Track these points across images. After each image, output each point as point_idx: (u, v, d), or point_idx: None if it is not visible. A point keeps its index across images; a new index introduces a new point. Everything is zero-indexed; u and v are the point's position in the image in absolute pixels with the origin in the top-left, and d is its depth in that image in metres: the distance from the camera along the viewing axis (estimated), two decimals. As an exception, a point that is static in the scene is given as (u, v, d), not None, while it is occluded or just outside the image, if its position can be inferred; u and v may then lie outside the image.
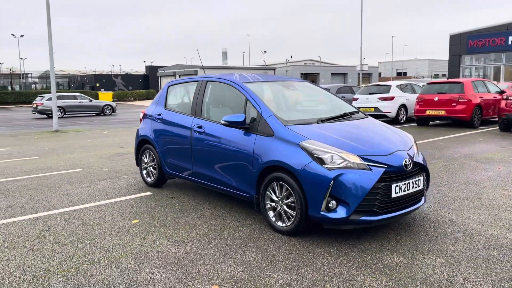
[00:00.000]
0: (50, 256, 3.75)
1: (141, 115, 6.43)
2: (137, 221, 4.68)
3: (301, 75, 58.11)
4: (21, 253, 3.85)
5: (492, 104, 13.56)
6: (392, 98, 14.89)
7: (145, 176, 6.27)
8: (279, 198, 4.18)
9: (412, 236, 4.07)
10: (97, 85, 58.51)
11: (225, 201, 5.36)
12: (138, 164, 6.43)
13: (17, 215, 4.99)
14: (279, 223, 4.20)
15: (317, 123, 4.49)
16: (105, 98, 39.47)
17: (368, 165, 3.85)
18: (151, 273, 3.40)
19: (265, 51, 78.86)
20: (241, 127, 4.53)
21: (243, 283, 3.20)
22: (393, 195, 3.87)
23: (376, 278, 3.24)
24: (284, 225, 4.15)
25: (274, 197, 4.22)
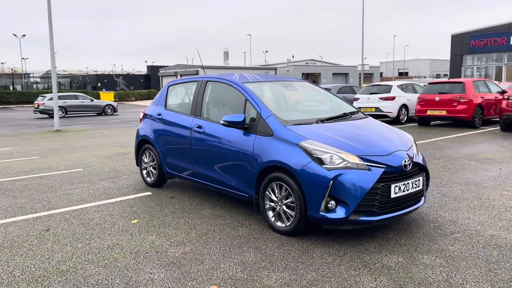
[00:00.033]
0: (49, 256, 3.76)
1: (141, 115, 6.44)
2: (136, 221, 4.68)
3: (302, 75, 58.10)
4: (20, 252, 3.85)
5: (494, 104, 13.53)
6: (393, 98, 14.88)
7: (145, 176, 6.28)
8: (278, 198, 4.18)
9: (411, 236, 4.06)
10: (99, 85, 58.57)
11: (224, 201, 5.36)
12: (138, 164, 6.44)
13: (17, 215, 5.00)
14: (279, 223, 4.20)
15: (316, 123, 4.49)
16: (106, 98, 39.47)
17: (367, 165, 3.85)
18: (150, 273, 3.40)
19: (266, 51, 79.01)
20: (240, 127, 4.53)
21: (242, 283, 3.20)
22: (393, 195, 3.87)
23: (375, 278, 3.24)
24: (284, 225, 4.15)
25: (274, 197, 4.22)
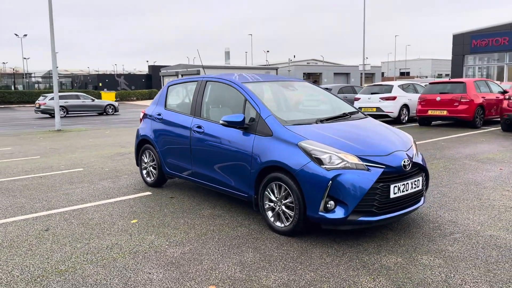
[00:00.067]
0: (48, 256, 3.76)
1: (141, 115, 6.44)
2: (136, 221, 4.69)
3: (303, 74, 58.08)
4: (19, 252, 3.86)
5: (495, 104, 13.50)
6: (394, 98, 14.86)
7: (145, 176, 6.28)
8: (277, 198, 4.18)
9: (410, 236, 4.06)
10: (100, 84, 58.64)
11: (224, 201, 5.36)
12: (138, 164, 6.44)
13: (16, 214, 5.00)
14: (278, 223, 4.20)
15: (316, 123, 4.48)
16: (107, 98, 39.48)
17: (366, 165, 3.84)
18: (149, 273, 3.40)
19: (267, 51, 78.99)
20: (240, 127, 4.52)
21: (240, 283, 3.20)
22: (392, 195, 3.86)
23: (373, 278, 3.23)
24: (283, 225, 4.14)
25: (273, 197, 4.22)
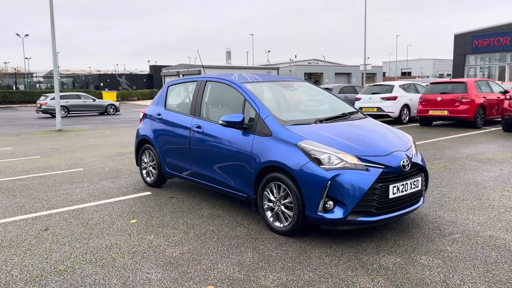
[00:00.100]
0: (47, 256, 3.77)
1: (141, 115, 6.45)
2: (135, 220, 4.69)
3: (305, 74, 58.05)
4: (19, 252, 3.86)
5: (496, 104, 13.48)
6: (395, 98, 14.85)
7: (145, 176, 6.28)
8: (276, 198, 4.18)
9: (410, 237, 4.05)
10: (101, 84, 58.70)
11: (224, 201, 5.36)
12: (138, 164, 6.45)
13: (16, 214, 5.01)
14: (277, 224, 4.20)
15: (315, 123, 4.48)
16: (109, 98, 39.54)
17: (365, 165, 3.84)
18: (147, 273, 3.40)
19: (268, 51, 78.84)
20: (239, 127, 4.52)
21: (239, 283, 3.20)
22: (391, 195, 3.86)
23: (372, 279, 3.23)
24: (282, 225, 4.14)
25: (272, 198, 4.22)
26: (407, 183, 3.99)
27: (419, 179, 4.17)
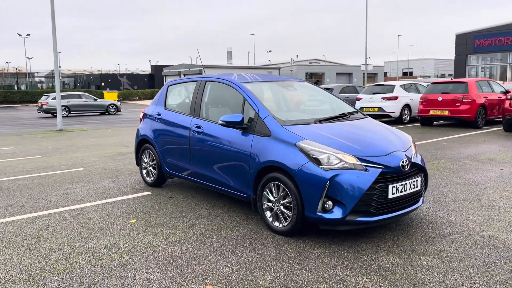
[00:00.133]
0: (47, 255, 3.77)
1: (141, 115, 6.45)
2: (135, 220, 4.69)
3: (306, 74, 58.05)
4: (18, 252, 3.87)
5: (497, 104, 13.46)
6: (396, 98, 14.83)
7: (145, 175, 6.29)
8: (276, 198, 4.17)
9: (409, 237, 4.05)
10: (103, 84, 58.79)
11: (223, 201, 5.36)
12: (138, 164, 6.45)
13: (16, 214, 5.02)
14: (276, 224, 4.19)
15: (314, 123, 4.47)
16: (110, 98, 39.62)
17: (364, 165, 3.83)
18: (146, 272, 3.40)
19: (270, 51, 78.75)
20: (238, 127, 4.52)
21: (237, 283, 3.20)
22: (390, 195, 3.86)
23: (370, 279, 3.23)
24: (281, 225, 4.14)
25: (271, 198, 4.22)
26: (406, 183, 3.99)
27: (419, 179, 4.16)
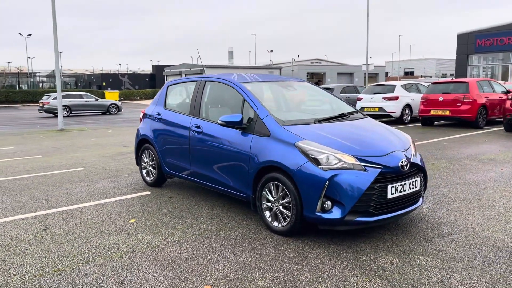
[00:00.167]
0: (46, 255, 3.78)
1: (141, 114, 6.46)
2: (134, 220, 4.70)
3: (307, 74, 58.01)
4: (17, 251, 3.88)
5: (498, 104, 13.44)
6: (397, 98, 14.82)
7: (144, 175, 6.29)
8: (275, 198, 4.17)
9: (408, 237, 4.05)
10: (104, 84, 58.84)
11: (223, 201, 5.36)
12: (138, 164, 6.46)
13: (16, 213, 5.03)
14: (275, 224, 4.19)
15: (314, 123, 4.47)
16: (111, 97, 39.66)
17: (363, 165, 3.83)
18: (145, 272, 3.41)
19: (271, 51, 78.77)
20: (238, 127, 4.52)
21: (236, 283, 3.20)
22: (389, 196, 3.85)
23: (369, 279, 3.22)
24: (280, 225, 4.14)
25: (270, 198, 4.22)
26: (405, 183, 3.98)
27: (418, 179, 4.16)
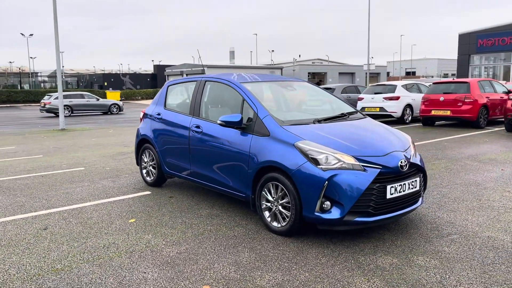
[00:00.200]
0: (45, 255, 3.78)
1: (141, 114, 6.46)
2: (134, 220, 4.70)
3: (308, 74, 57.96)
4: (17, 251, 3.88)
5: (499, 104, 13.42)
6: (398, 98, 14.80)
7: (145, 175, 6.30)
8: (274, 198, 4.17)
9: (407, 237, 4.04)
10: (105, 84, 58.89)
11: (222, 201, 5.36)
12: (138, 164, 6.47)
13: (16, 213, 5.04)
14: (274, 224, 4.19)
15: (313, 123, 4.47)
16: (112, 97, 39.62)
17: (363, 165, 3.83)
18: (144, 272, 3.41)
19: (272, 50, 78.76)
20: (237, 127, 4.53)
21: (234, 283, 3.20)
22: (388, 196, 3.85)
23: (368, 279, 3.22)
24: (279, 225, 4.14)
25: (270, 198, 4.22)
26: (405, 184, 3.98)
27: (417, 179, 4.15)
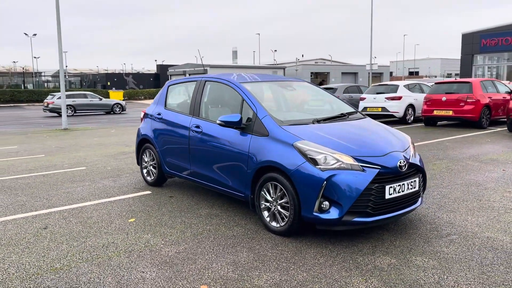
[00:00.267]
0: (45, 254, 3.80)
1: (142, 114, 6.48)
2: (133, 219, 4.71)
3: (311, 74, 57.91)
4: (17, 250, 3.90)
5: (502, 104, 13.37)
6: (400, 98, 14.77)
7: (145, 175, 6.31)
8: (273, 198, 4.18)
9: (406, 237, 4.04)
10: (108, 83, 59.06)
11: (222, 200, 5.37)
12: (138, 163, 6.48)
13: (17, 212, 5.06)
14: (273, 223, 4.20)
15: (312, 123, 4.47)
16: (115, 97, 39.71)
17: (361, 166, 3.83)
18: (142, 272, 3.42)
19: (275, 50, 78.79)
20: (237, 127, 4.53)
21: (232, 283, 3.21)
22: (387, 196, 3.85)
23: (365, 279, 3.22)
24: (278, 225, 4.14)
25: (269, 198, 4.22)
26: (404, 184, 3.97)
27: (417, 179, 4.14)
